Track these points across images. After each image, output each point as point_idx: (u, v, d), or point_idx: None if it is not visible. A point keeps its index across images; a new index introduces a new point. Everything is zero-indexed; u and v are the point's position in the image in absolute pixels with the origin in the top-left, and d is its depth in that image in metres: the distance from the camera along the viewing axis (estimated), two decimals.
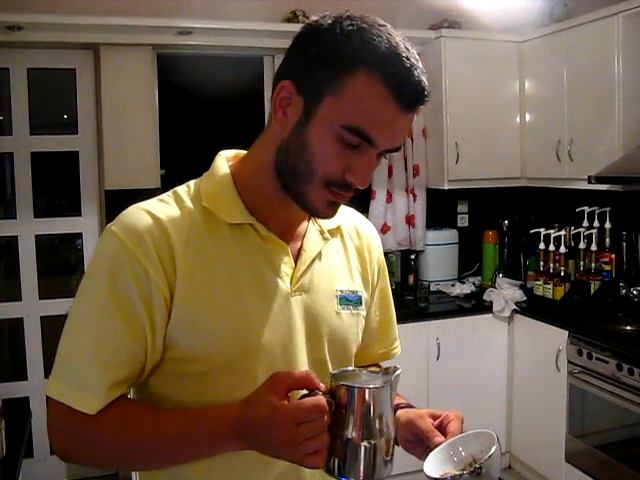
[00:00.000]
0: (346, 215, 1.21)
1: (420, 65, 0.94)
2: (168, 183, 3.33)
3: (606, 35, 3.26)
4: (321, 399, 0.90)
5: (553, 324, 3.35)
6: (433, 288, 3.99)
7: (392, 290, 1.35)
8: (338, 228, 1.18)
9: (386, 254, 3.96)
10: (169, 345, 1.01)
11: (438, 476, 0.99)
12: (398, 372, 0.99)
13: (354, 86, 0.93)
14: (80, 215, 3.64)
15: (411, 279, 3.98)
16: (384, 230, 3.90)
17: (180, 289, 0.99)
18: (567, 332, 3.23)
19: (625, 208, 3.58)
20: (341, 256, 1.18)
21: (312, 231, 1.14)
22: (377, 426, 0.93)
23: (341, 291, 1.14)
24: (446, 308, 3.76)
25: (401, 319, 1.41)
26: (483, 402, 3.67)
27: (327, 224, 1.15)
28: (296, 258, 1.10)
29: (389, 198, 3.94)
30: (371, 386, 0.94)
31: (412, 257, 4.00)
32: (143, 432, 0.98)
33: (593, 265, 3.54)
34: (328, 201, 1.01)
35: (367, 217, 1.30)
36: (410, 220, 3.99)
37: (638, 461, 2.91)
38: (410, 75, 0.93)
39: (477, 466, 0.95)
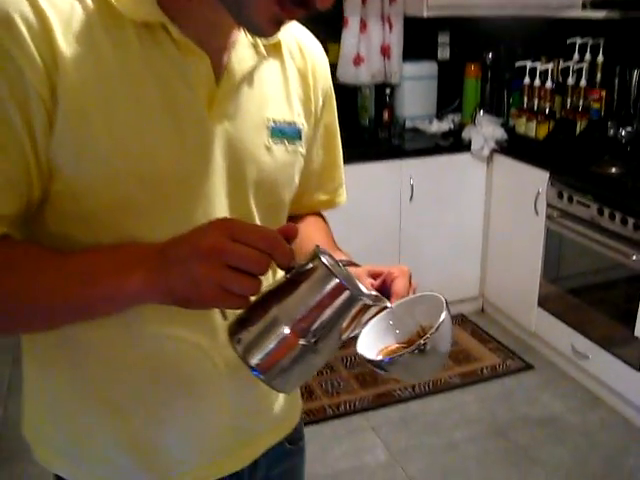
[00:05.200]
0: (288, 29, 0.94)
1: None
2: None
3: None
4: (279, 235, 0.71)
5: (534, 165, 3.15)
6: (409, 125, 3.72)
7: (364, 127, 1.11)
8: (277, 45, 0.92)
9: (359, 88, 3.70)
10: (53, 172, 0.76)
11: (373, 357, 0.82)
12: (386, 305, 0.81)
13: None
14: None
15: (385, 115, 3.69)
16: (357, 62, 3.56)
17: (64, 96, 0.73)
18: (548, 173, 3.05)
19: (621, 39, 3.26)
20: (278, 78, 0.93)
21: (243, 43, 0.87)
22: (326, 334, 0.73)
23: (274, 121, 0.90)
24: (421, 146, 3.50)
25: (373, 157, 1.19)
26: (457, 245, 3.56)
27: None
28: (219, 75, 0.84)
29: (363, 27, 3.56)
30: (365, 299, 0.73)
31: (387, 91, 3.69)
32: (31, 274, 0.75)
33: (581, 102, 3.28)
34: (274, 17, 0.74)
35: (338, 48, 1.03)
36: (385, 51, 3.64)
37: (608, 305, 2.86)
38: None
39: (421, 342, 0.76)
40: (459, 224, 3.55)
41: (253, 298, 0.72)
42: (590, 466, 2.53)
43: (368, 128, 3.69)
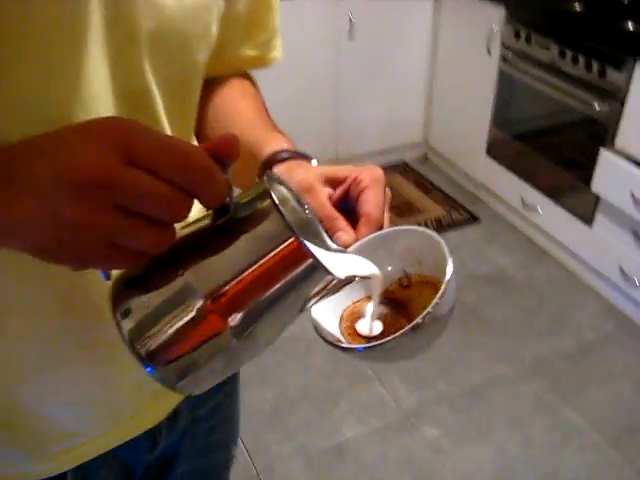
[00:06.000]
0: None
1: None
2: None
3: None
4: (207, 156, 0.43)
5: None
6: None
7: None
8: None
9: None
10: None
11: (336, 332, 0.58)
12: (374, 274, 0.55)
13: None
14: None
15: None
16: None
17: None
18: (504, 9, 2.73)
19: None
20: None
21: None
22: (267, 317, 0.47)
23: None
24: None
25: None
26: (400, 88, 3.28)
27: None
28: None
29: None
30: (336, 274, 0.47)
31: None
32: None
33: None
34: None
35: None
36: None
37: (561, 156, 2.70)
38: None
39: (419, 321, 0.51)
40: (403, 64, 3.24)
41: None
42: (538, 322, 2.49)
43: None
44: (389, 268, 0.61)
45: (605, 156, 2.35)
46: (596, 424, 2.09)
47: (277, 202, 0.45)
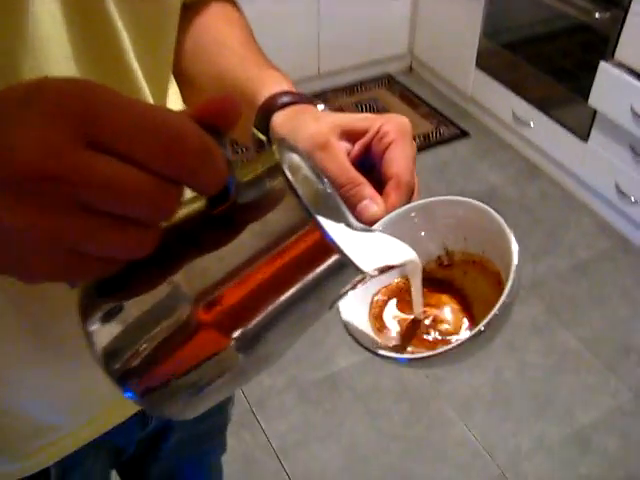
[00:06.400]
0: None
1: None
2: None
3: None
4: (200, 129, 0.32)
5: None
6: None
7: None
8: None
9: None
10: None
11: (370, 332, 0.49)
12: (413, 261, 0.46)
13: None
14: None
15: None
16: None
17: None
18: None
19: None
20: None
21: None
22: (278, 329, 0.37)
23: None
24: None
25: None
26: None
27: None
28: None
29: None
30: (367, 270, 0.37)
31: None
32: None
33: None
34: None
35: None
36: None
37: (556, 68, 2.56)
38: None
39: (481, 328, 0.41)
40: None
41: None
42: (531, 242, 2.42)
43: None
44: (424, 234, 0.51)
45: (604, 68, 2.23)
46: (591, 345, 2.06)
47: (293, 182, 0.34)
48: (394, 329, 0.49)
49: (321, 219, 0.34)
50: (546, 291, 2.24)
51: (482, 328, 0.42)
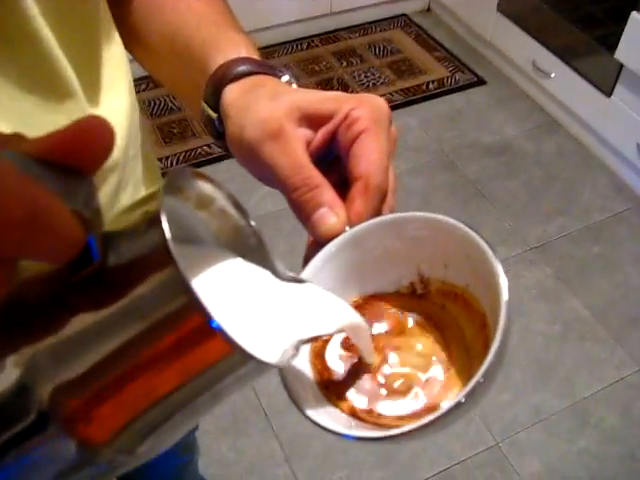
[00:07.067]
0: None
1: None
2: None
3: None
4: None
5: None
6: None
7: None
8: None
9: None
10: None
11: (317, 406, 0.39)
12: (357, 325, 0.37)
13: None
14: None
15: None
16: None
17: None
18: None
19: None
20: None
21: None
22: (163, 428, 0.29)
23: None
24: None
25: None
26: None
27: None
28: None
29: None
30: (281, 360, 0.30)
31: None
32: None
33: None
34: None
35: None
36: None
37: (582, 17, 2.39)
38: None
39: (460, 399, 0.32)
40: None
41: None
42: (544, 201, 2.31)
43: None
44: (398, 269, 0.41)
45: (636, 19, 2.07)
46: (599, 314, 1.98)
47: (170, 244, 0.24)
48: (339, 370, 0.40)
49: (211, 290, 0.25)
50: (555, 254, 2.14)
51: (462, 400, 0.33)
